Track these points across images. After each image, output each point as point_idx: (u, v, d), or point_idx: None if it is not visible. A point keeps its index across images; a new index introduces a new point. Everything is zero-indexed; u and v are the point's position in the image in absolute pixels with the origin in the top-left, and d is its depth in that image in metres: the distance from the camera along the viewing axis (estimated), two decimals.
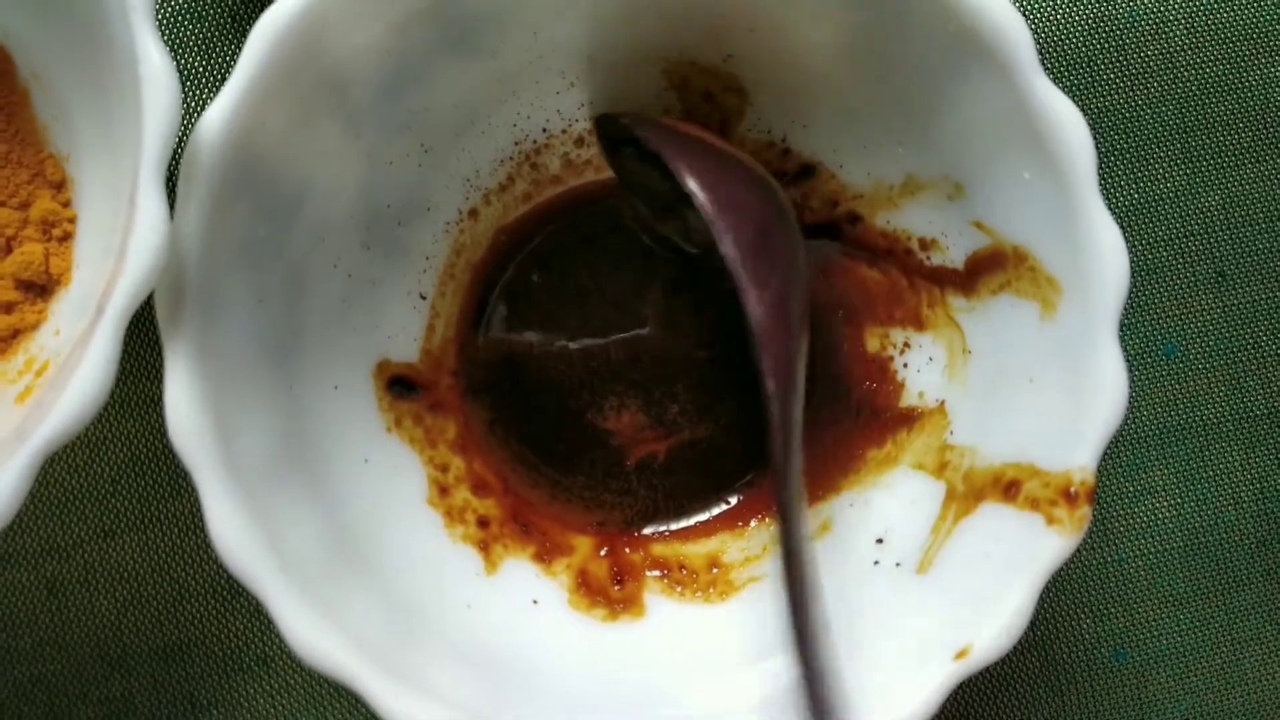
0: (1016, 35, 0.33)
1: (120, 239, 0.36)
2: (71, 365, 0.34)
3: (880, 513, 0.39)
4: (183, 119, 0.40)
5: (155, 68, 0.32)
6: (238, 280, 0.35)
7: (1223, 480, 0.44)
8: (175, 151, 0.35)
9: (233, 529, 0.33)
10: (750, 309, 0.35)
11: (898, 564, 0.37)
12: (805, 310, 0.37)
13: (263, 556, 0.33)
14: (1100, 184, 0.34)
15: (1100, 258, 0.33)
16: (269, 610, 0.33)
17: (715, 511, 0.42)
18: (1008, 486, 0.36)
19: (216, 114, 0.33)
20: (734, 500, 0.42)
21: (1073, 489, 0.34)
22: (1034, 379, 0.36)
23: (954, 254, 0.38)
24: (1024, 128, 0.34)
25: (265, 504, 0.34)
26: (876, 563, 0.38)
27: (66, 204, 0.41)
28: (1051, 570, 0.34)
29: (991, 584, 0.35)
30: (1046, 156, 0.34)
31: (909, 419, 0.39)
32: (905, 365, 0.40)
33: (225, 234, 0.34)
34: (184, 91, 0.42)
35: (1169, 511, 0.43)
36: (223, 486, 0.33)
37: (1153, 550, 0.43)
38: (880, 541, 0.38)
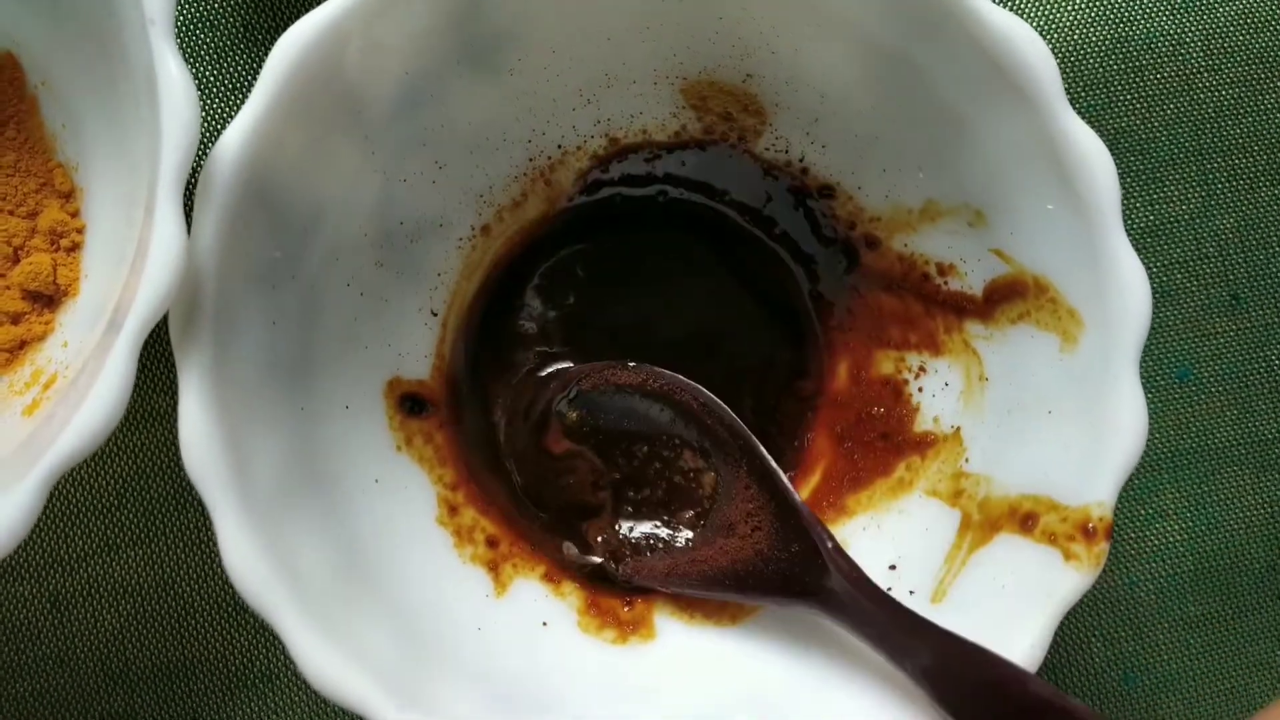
0: (1043, 68, 0.33)
1: (133, 254, 0.36)
2: (84, 383, 0.33)
3: (894, 538, 0.39)
4: None
5: (176, 87, 0.31)
6: (252, 301, 0.35)
7: (1234, 504, 0.43)
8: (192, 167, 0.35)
9: (247, 557, 0.32)
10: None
11: (911, 592, 0.37)
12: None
13: (277, 585, 0.33)
14: None
15: (1123, 293, 0.33)
16: (283, 638, 0.33)
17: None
18: (1024, 518, 0.35)
19: (234, 135, 0.33)
20: None
21: (1091, 525, 0.34)
22: (1053, 410, 0.35)
23: (972, 280, 0.38)
24: (1049, 160, 0.34)
25: (278, 530, 0.34)
26: (890, 589, 0.38)
27: (75, 214, 0.40)
28: (1068, 606, 0.34)
29: (1007, 617, 0.35)
30: (1071, 190, 0.33)
31: (923, 444, 0.39)
32: (920, 390, 0.39)
33: (241, 255, 0.34)
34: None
35: (1180, 535, 0.43)
36: (236, 514, 0.33)
37: (1163, 574, 0.43)
38: (893, 568, 0.38)
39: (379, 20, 0.34)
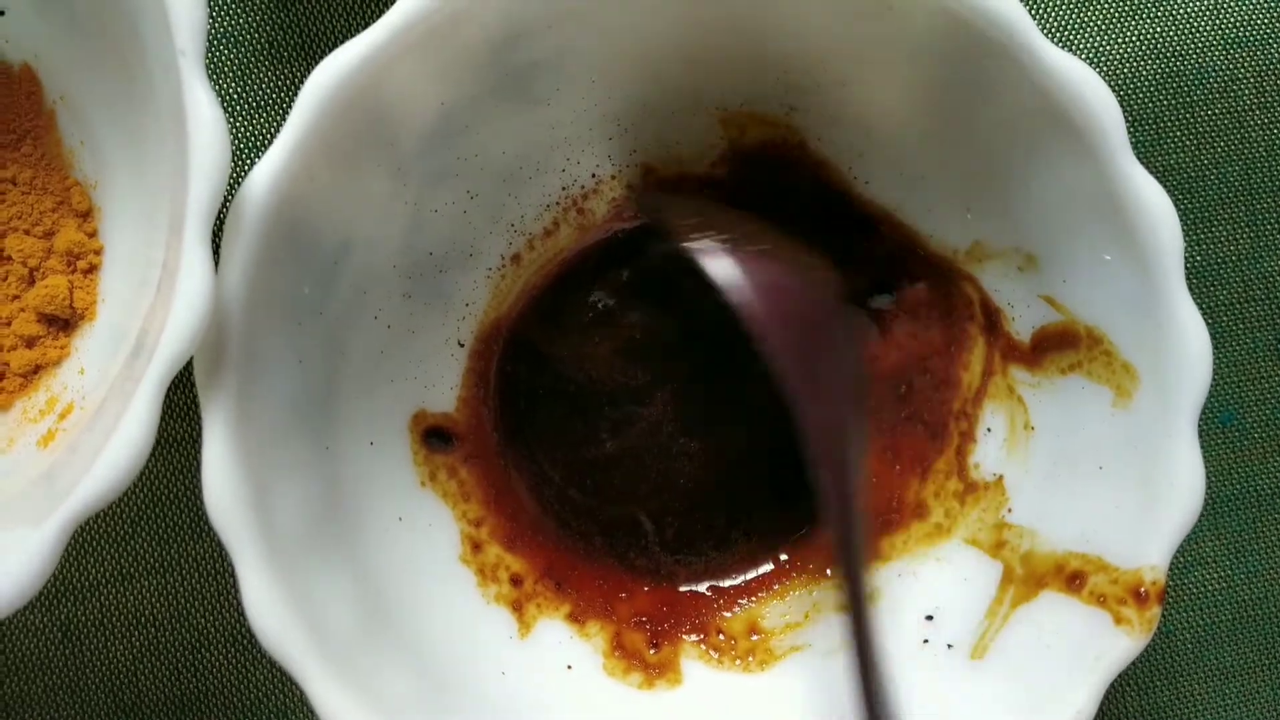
0: (1107, 114, 0.32)
1: (156, 279, 0.35)
2: (105, 422, 0.32)
3: (931, 587, 0.38)
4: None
5: (207, 128, 0.30)
6: (278, 340, 0.33)
7: (1275, 553, 0.42)
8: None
9: (271, 609, 0.31)
10: (802, 424, 0.34)
11: (950, 646, 0.36)
12: (860, 409, 0.36)
13: (299, 636, 0.32)
14: None
15: (1183, 351, 0.32)
16: (304, 689, 0.32)
17: (757, 572, 0.41)
18: (1071, 577, 0.34)
19: (264, 172, 0.31)
20: (772, 563, 0.41)
21: (1144, 589, 0.33)
22: (1104, 466, 0.34)
23: (1019, 325, 0.37)
24: (1109, 210, 0.32)
25: (301, 578, 0.33)
26: (926, 641, 0.37)
27: (93, 234, 0.39)
28: (1118, 671, 0.33)
29: (1052, 681, 0.33)
30: (1132, 242, 0.32)
31: (962, 489, 0.38)
32: (961, 433, 0.38)
33: (268, 294, 0.33)
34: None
35: (1219, 584, 0.42)
36: (261, 564, 0.32)
37: (1201, 623, 0.42)
38: (930, 619, 0.37)
39: (418, 52, 0.32)
